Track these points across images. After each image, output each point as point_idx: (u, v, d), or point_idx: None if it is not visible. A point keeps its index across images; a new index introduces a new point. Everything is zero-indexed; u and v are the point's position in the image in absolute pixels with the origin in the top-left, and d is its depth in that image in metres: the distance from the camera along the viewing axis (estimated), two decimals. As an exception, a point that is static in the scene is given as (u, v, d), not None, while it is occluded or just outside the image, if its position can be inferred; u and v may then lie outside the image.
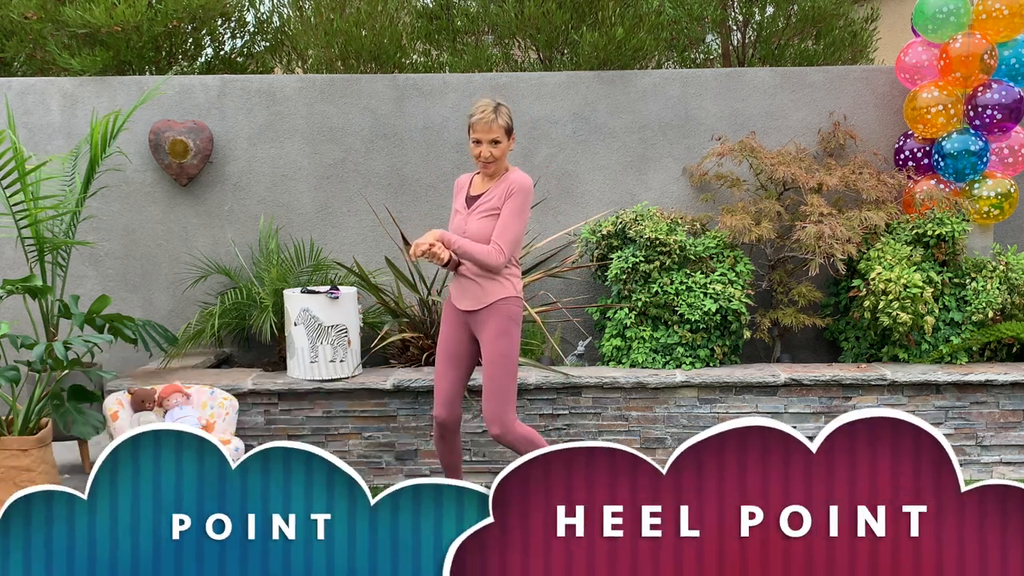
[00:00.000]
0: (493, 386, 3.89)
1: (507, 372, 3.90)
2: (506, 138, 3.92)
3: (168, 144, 5.45)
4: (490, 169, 3.96)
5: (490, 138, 3.88)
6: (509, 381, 3.90)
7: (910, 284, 4.83)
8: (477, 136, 3.90)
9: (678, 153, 5.64)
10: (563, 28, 6.21)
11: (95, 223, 5.63)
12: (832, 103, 5.62)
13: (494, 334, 3.91)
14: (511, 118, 3.94)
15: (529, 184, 3.93)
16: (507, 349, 3.90)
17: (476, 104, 3.90)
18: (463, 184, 4.11)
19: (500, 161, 3.95)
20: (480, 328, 3.96)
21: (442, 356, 4.06)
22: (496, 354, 3.90)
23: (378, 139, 5.62)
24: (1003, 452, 4.83)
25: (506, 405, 3.89)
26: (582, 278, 5.62)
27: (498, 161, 3.94)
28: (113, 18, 5.75)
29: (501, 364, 3.89)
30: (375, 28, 6.23)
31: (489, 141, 3.88)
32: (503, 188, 3.95)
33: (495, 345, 3.90)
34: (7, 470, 4.16)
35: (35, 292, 4.45)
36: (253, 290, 5.23)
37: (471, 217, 3.98)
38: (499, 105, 3.89)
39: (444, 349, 4.06)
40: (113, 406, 4.38)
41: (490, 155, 3.90)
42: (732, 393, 4.82)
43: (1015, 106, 5.08)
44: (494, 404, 3.88)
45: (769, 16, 7.12)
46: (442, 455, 4.15)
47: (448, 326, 4.07)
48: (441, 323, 4.15)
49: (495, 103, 3.88)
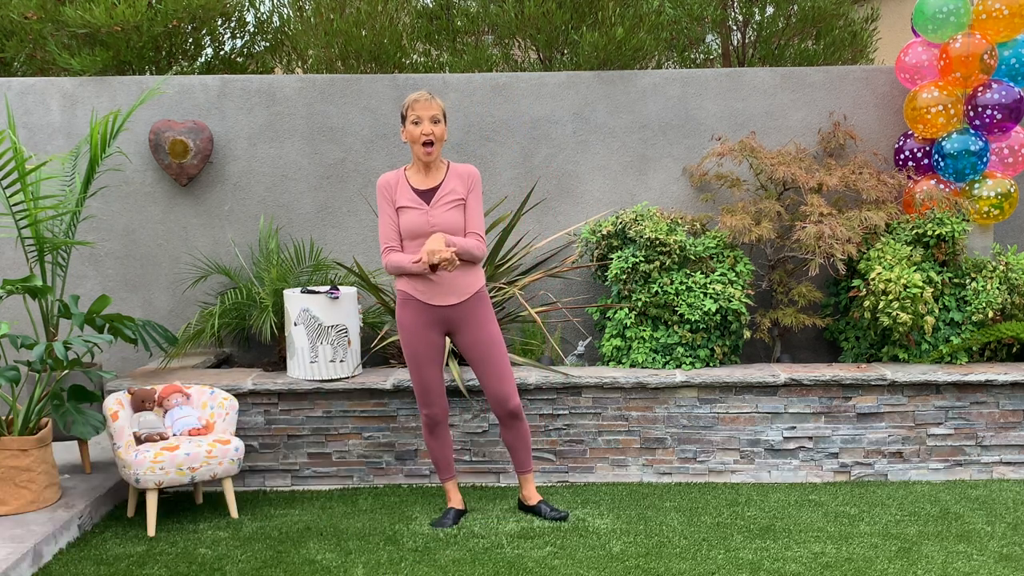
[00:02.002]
0: (502, 366, 4.18)
1: (504, 351, 4.21)
2: (444, 120, 4.08)
3: (168, 144, 5.45)
4: (432, 153, 4.06)
5: (430, 115, 4.02)
6: (507, 359, 4.22)
7: (910, 284, 4.83)
8: (417, 114, 4.02)
9: (678, 153, 5.64)
10: (563, 28, 6.21)
11: (95, 223, 5.63)
12: (832, 103, 5.62)
13: (484, 319, 4.17)
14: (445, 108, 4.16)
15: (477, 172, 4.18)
16: (498, 331, 4.20)
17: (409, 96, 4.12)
18: (395, 182, 4.15)
19: (440, 143, 4.08)
20: (465, 318, 4.15)
21: (423, 358, 4.18)
22: (493, 336, 4.16)
23: (378, 139, 5.62)
24: (1003, 452, 4.83)
25: (513, 380, 4.22)
26: (582, 278, 5.62)
27: (438, 143, 4.07)
28: (113, 18, 5.75)
29: (499, 344, 4.19)
30: (375, 28, 6.23)
31: (429, 118, 4.01)
32: (461, 179, 4.13)
33: (488, 329, 4.17)
34: (7, 470, 4.16)
35: (35, 292, 4.45)
36: (253, 290, 5.23)
37: (435, 210, 4.09)
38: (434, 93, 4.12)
39: (423, 352, 4.17)
40: (113, 406, 4.38)
41: (430, 132, 4.01)
42: (732, 393, 4.82)
43: (1015, 106, 5.08)
44: (507, 381, 4.18)
45: (769, 16, 7.12)
46: (436, 450, 4.35)
47: (420, 328, 4.16)
48: (407, 331, 4.19)
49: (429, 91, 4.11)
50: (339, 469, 4.85)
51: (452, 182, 4.12)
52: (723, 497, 4.61)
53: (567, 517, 4.31)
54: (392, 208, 4.13)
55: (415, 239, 4.10)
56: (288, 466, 4.84)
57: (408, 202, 4.09)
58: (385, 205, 4.14)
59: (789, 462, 4.84)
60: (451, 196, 4.09)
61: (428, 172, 4.14)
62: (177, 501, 4.70)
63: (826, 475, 4.85)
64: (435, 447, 4.34)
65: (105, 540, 4.15)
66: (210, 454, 4.25)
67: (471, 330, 4.15)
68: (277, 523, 4.34)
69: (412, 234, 4.10)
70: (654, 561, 3.85)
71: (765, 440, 4.83)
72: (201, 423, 4.51)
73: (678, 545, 4.01)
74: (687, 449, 4.84)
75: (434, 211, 4.07)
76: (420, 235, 4.08)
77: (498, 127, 5.62)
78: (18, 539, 3.88)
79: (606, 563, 3.84)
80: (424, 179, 4.13)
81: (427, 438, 4.34)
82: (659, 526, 4.23)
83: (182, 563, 3.89)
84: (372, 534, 4.19)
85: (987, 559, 3.85)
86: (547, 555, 3.92)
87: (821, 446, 4.83)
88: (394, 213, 4.13)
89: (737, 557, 3.89)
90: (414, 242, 4.10)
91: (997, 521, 4.26)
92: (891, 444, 4.83)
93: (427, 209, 4.08)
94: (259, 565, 3.86)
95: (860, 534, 4.12)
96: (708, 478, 4.86)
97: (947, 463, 4.84)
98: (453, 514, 4.32)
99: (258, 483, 4.85)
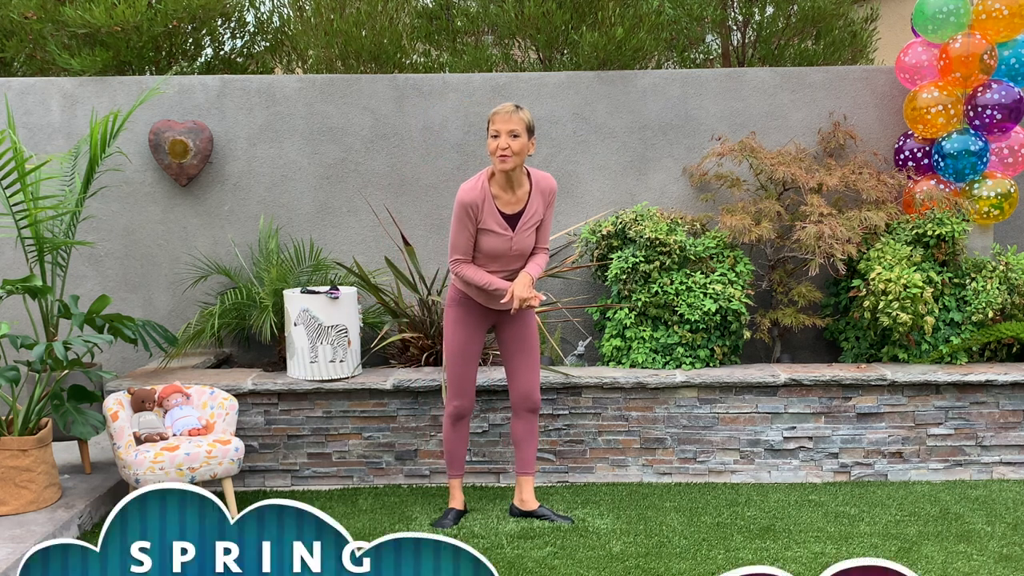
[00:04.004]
0: (535, 361, 4.30)
1: (539, 348, 4.39)
2: (526, 135, 3.98)
3: (168, 144, 5.45)
4: (508, 164, 3.95)
5: (509, 129, 3.94)
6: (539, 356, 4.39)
7: (910, 284, 4.83)
8: (496, 127, 3.95)
9: (678, 153, 5.64)
10: (563, 28, 6.21)
11: (95, 223, 5.63)
12: (832, 103, 5.62)
13: (530, 317, 4.30)
14: (533, 122, 4.05)
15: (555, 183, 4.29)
16: (537, 330, 4.34)
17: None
18: (480, 201, 3.99)
19: (519, 157, 3.97)
20: (513, 319, 4.27)
21: (469, 355, 4.25)
22: (533, 332, 4.30)
23: (378, 139, 5.62)
24: (1003, 452, 4.83)
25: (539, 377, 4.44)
26: (582, 278, 5.62)
27: (516, 156, 3.95)
28: (113, 18, 5.75)
29: (536, 340, 4.32)
30: (375, 28, 6.23)
31: (508, 132, 3.94)
32: (543, 196, 4.12)
33: (532, 328, 4.30)
34: (7, 470, 4.16)
35: (35, 292, 4.45)
36: (253, 290, 5.23)
37: (518, 235, 4.09)
38: (521, 106, 4.03)
39: (470, 350, 4.24)
40: (113, 406, 4.37)
41: (507, 146, 3.93)
42: (732, 393, 4.82)
43: (1015, 106, 5.08)
44: (537, 375, 4.32)
45: (769, 16, 7.12)
46: (453, 443, 4.36)
47: (472, 329, 4.23)
48: (460, 327, 4.22)
49: (517, 104, 4.01)
50: (339, 469, 4.85)
51: (536, 203, 4.08)
52: (723, 497, 4.61)
53: (572, 521, 4.31)
54: (474, 226, 4.02)
55: (495, 259, 4.11)
56: (288, 466, 4.84)
57: (494, 227, 4.03)
58: (468, 222, 4.00)
59: (789, 462, 4.84)
60: (534, 220, 4.09)
61: (512, 186, 4.05)
62: (177, 501, 4.69)
63: (826, 475, 4.85)
64: (453, 440, 4.35)
65: (105, 540, 4.15)
66: (210, 454, 4.25)
67: (517, 326, 4.26)
68: (277, 523, 4.34)
69: (492, 255, 4.10)
70: (654, 561, 3.85)
71: (765, 440, 4.83)
72: (201, 423, 4.51)
73: (678, 545, 4.02)
74: (687, 449, 4.84)
75: (517, 236, 4.08)
76: (500, 256, 4.10)
77: (498, 127, 5.61)
78: (18, 539, 3.88)
79: (606, 563, 3.84)
80: (510, 199, 4.05)
81: (447, 431, 4.34)
82: (659, 526, 4.23)
83: (182, 563, 3.89)
84: (372, 534, 4.19)
85: (987, 559, 3.85)
86: (547, 555, 3.92)
87: (821, 446, 4.83)
88: (475, 231, 4.04)
89: (737, 557, 3.89)
90: (491, 261, 4.11)
91: (997, 521, 4.26)
92: (891, 444, 4.83)
93: (511, 235, 4.07)
94: (259, 565, 3.86)
95: (860, 534, 4.12)
96: (708, 478, 4.86)
97: (947, 463, 4.84)
98: (453, 514, 4.32)
99: (258, 483, 4.85)
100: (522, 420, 4.33)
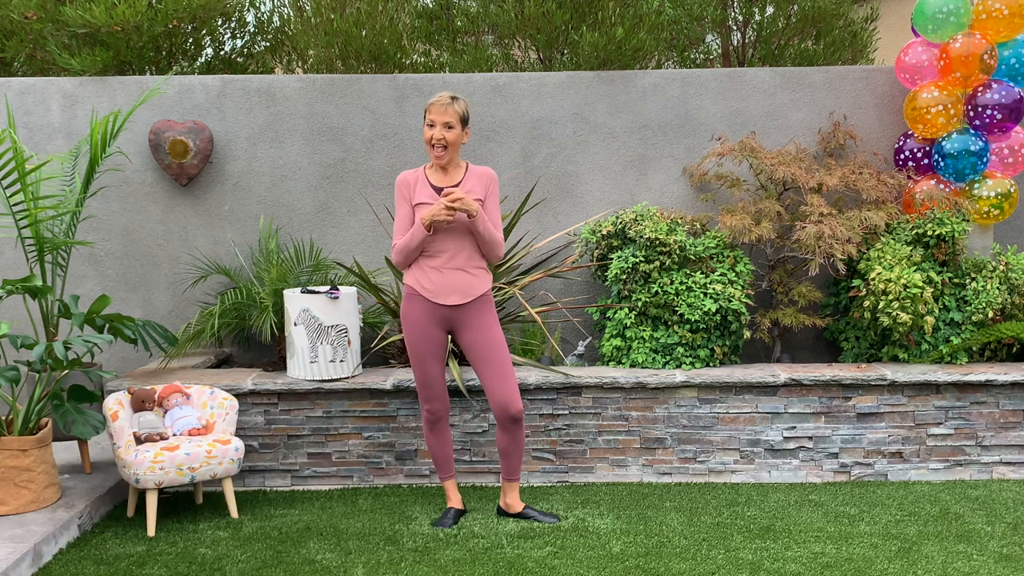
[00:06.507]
0: (504, 369, 4.16)
1: (508, 355, 4.20)
2: (460, 126, 4.10)
3: (168, 144, 5.45)
4: (442, 156, 4.10)
5: (443, 120, 4.06)
6: (510, 363, 4.21)
7: (910, 284, 4.83)
8: (432, 118, 4.08)
9: (678, 153, 5.64)
10: (563, 28, 6.21)
11: (95, 223, 5.63)
12: (832, 103, 5.62)
13: (490, 321, 4.19)
14: (468, 112, 4.14)
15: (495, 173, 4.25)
16: (501, 335, 4.21)
17: None
18: (414, 180, 4.18)
19: (452, 148, 4.10)
20: (469, 319, 4.17)
21: (426, 355, 4.21)
22: (498, 339, 4.18)
23: (378, 139, 5.62)
24: (1003, 452, 4.83)
25: (516, 384, 4.19)
26: (582, 278, 5.62)
27: (450, 147, 4.09)
28: (113, 18, 5.75)
29: (502, 347, 4.19)
30: (375, 28, 6.23)
31: (443, 124, 4.06)
32: (482, 180, 4.17)
33: (494, 332, 4.19)
34: (7, 470, 4.16)
35: (35, 292, 4.45)
36: (253, 290, 5.23)
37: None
38: (457, 97, 4.09)
39: (427, 349, 4.21)
40: (113, 406, 4.38)
41: (442, 137, 4.06)
42: (732, 393, 4.82)
43: (1015, 106, 5.08)
44: (510, 384, 4.16)
45: (769, 16, 7.12)
46: (436, 447, 4.36)
47: (425, 327, 4.20)
48: (411, 326, 4.22)
49: (453, 94, 4.09)
50: (339, 469, 4.85)
51: (471, 182, 4.17)
52: (723, 497, 4.61)
53: (559, 519, 4.30)
54: (409, 205, 4.15)
55: (438, 240, 4.12)
56: (288, 466, 4.84)
57: (427, 198, 4.12)
58: (402, 202, 4.17)
59: (789, 462, 4.84)
60: (470, 196, 4.11)
61: (446, 173, 4.20)
62: (177, 501, 4.70)
63: (826, 475, 4.85)
64: (435, 444, 4.35)
65: (105, 540, 4.15)
66: (210, 454, 4.25)
67: (473, 330, 4.17)
68: (277, 523, 4.34)
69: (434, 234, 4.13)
70: (654, 561, 3.85)
71: (765, 440, 4.83)
72: (201, 423, 4.51)
73: (678, 545, 4.01)
74: (687, 449, 4.84)
75: None
76: (436, 230, 4.11)
77: (498, 127, 5.62)
78: (18, 539, 3.88)
79: (606, 563, 3.84)
80: (443, 178, 4.18)
81: (428, 435, 4.35)
82: (659, 526, 4.23)
83: (182, 563, 3.89)
84: (372, 534, 4.19)
85: (987, 559, 3.85)
86: (547, 555, 3.92)
87: (821, 446, 4.83)
88: (411, 210, 4.15)
89: (737, 557, 3.89)
90: (435, 243, 4.12)
91: (997, 521, 4.26)
92: (891, 444, 4.83)
93: None
94: (259, 565, 3.86)
95: (860, 534, 4.12)
96: (708, 478, 4.86)
97: (947, 463, 4.84)
98: (453, 514, 4.32)
99: (258, 483, 4.85)
100: (505, 432, 4.22)
